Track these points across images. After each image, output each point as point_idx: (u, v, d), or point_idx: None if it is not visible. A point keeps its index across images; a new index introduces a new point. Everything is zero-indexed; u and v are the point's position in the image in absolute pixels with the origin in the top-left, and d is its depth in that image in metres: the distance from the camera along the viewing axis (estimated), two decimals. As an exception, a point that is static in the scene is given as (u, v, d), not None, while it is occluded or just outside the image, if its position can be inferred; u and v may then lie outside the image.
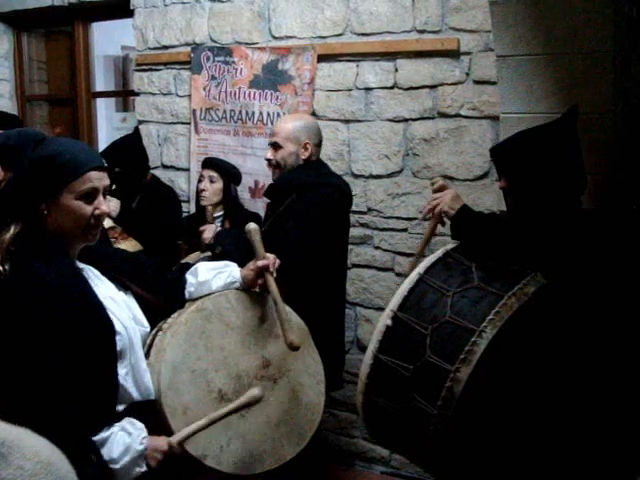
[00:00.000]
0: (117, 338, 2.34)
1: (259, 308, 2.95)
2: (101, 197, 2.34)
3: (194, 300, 2.80)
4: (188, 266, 2.93)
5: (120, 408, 2.39)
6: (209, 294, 2.82)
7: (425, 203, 3.25)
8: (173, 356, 2.62)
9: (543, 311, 2.55)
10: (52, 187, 2.27)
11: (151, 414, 2.50)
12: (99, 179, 2.33)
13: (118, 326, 2.36)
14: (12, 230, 2.25)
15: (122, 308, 2.45)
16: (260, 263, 2.91)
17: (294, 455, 2.97)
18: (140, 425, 2.40)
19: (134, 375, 2.45)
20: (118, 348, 2.35)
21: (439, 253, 2.88)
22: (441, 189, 3.13)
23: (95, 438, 2.25)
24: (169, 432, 2.52)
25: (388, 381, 2.66)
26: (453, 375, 2.45)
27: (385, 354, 2.66)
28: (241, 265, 3.00)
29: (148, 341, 2.65)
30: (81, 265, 2.43)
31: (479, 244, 2.87)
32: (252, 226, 2.99)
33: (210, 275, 2.83)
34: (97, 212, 2.33)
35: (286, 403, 2.96)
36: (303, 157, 3.90)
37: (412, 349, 2.59)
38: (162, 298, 2.75)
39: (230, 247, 3.69)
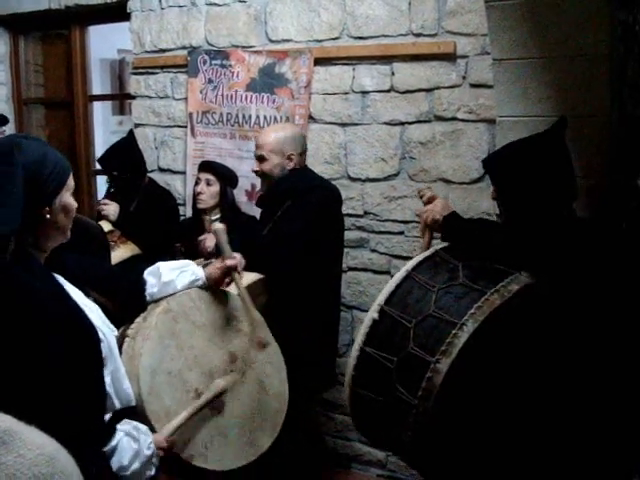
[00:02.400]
0: (101, 345, 2.27)
1: (220, 305, 2.99)
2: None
3: (156, 301, 2.78)
4: (145, 267, 2.88)
5: (106, 417, 2.31)
6: (173, 294, 2.81)
7: (421, 207, 3.26)
8: (150, 360, 2.63)
9: (525, 309, 2.61)
10: (56, 187, 2.19)
11: (134, 419, 2.46)
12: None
13: (99, 332, 2.28)
14: (12, 245, 2.12)
15: (96, 314, 2.37)
16: (229, 262, 2.98)
17: (270, 444, 3.04)
18: (144, 429, 2.39)
19: (114, 382, 2.37)
20: (102, 355, 2.27)
21: (428, 252, 2.95)
22: (431, 200, 3.17)
23: (105, 449, 2.21)
24: None
25: (373, 373, 2.71)
26: (433, 366, 2.51)
27: (371, 346, 2.72)
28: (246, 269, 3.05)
29: None
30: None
31: (467, 245, 2.93)
32: (218, 226, 3.10)
33: (174, 275, 2.82)
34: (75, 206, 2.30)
35: (256, 394, 3.03)
36: (288, 167, 3.98)
37: (397, 342, 2.66)
38: (121, 301, 2.72)
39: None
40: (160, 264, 2.87)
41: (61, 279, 2.32)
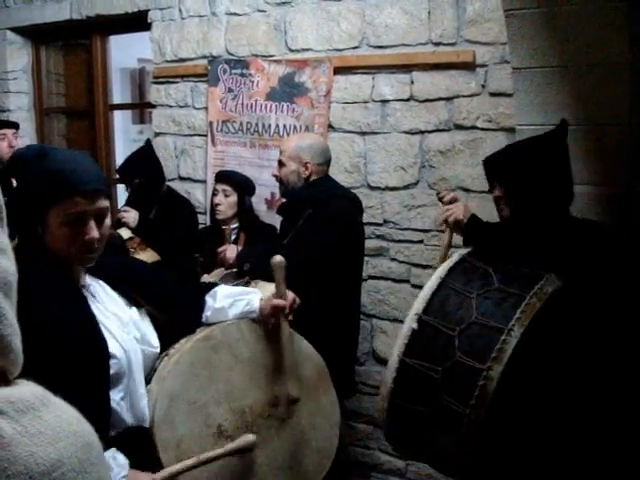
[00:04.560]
0: (112, 362, 2.24)
1: (273, 341, 2.74)
2: (91, 222, 2.21)
3: (208, 325, 2.65)
4: (210, 286, 2.78)
5: (112, 433, 2.26)
6: (223, 321, 2.67)
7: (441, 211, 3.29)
8: (172, 385, 2.47)
9: (560, 309, 2.62)
10: (41, 206, 2.19)
11: (144, 440, 2.39)
12: (89, 203, 2.19)
13: (115, 349, 2.26)
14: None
15: (128, 327, 2.36)
16: (275, 302, 2.70)
17: None
18: (123, 462, 2.23)
19: (130, 400, 2.35)
20: (112, 371, 2.24)
21: (455, 258, 2.93)
22: (452, 201, 3.22)
23: None
24: (159, 465, 2.37)
25: (415, 384, 2.66)
26: (486, 373, 2.48)
27: (411, 357, 2.66)
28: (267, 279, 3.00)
29: (156, 365, 2.52)
30: (89, 280, 2.35)
31: (492, 249, 2.94)
32: (277, 259, 2.79)
33: (227, 302, 2.67)
34: (86, 237, 2.20)
35: (293, 446, 2.77)
36: (303, 176, 4.03)
37: (439, 351, 2.62)
38: (175, 319, 2.60)
39: (257, 264, 3.75)
40: (220, 288, 2.75)
41: (99, 286, 2.37)
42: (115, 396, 2.28)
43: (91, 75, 6.33)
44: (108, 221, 2.31)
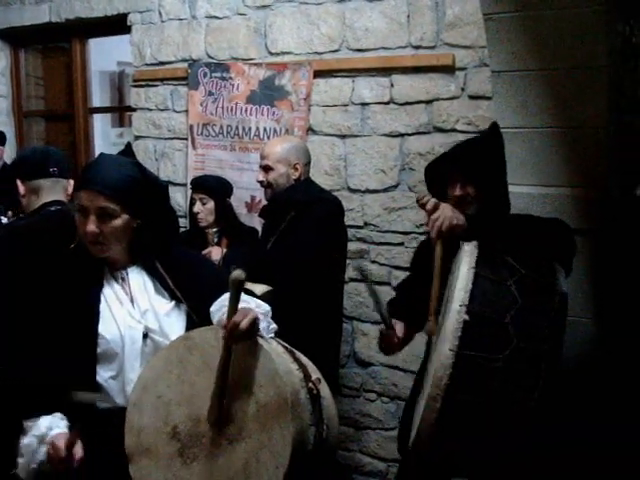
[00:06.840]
0: (100, 341, 2.46)
1: (248, 358, 2.45)
2: (92, 217, 2.44)
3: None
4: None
5: (102, 406, 2.47)
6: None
7: (422, 217, 3.26)
8: (147, 375, 2.49)
9: None
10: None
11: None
12: (90, 200, 2.44)
13: (108, 330, 2.48)
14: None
15: (145, 316, 2.55)
16: (215, 321, 2.55)
17: None
18: (63, 424, 2.39)
19: (123, 382, 2.52)
20: (100, 350, 2.46)
21: (473, 250, 2.79)
22: (436, 208, 2.94)
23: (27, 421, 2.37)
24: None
25: (474, 377, 2.56)
26: (547, 355, 2.54)
27: (468, 350, 2.56)
28: (256, 280, 3.03)
29: None
30: (131, 268, 2.61)
31: (497, 241, 2.89)
32: (234, 275, 2.43)
33: (216, 307, 2.56)
34: (85, 229, 2.45)
35: (232, 473, 2.44)
36: (294, 177, 4.04)
37: (495, 340, 2.57)
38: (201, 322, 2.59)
39: (244, 266, 3.76)
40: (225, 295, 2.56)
41: (133, 274, 2.62)
42: (105, 374, 2.49)
43: (70, 78, 6.32)
44: (117, 222, 2.48)
